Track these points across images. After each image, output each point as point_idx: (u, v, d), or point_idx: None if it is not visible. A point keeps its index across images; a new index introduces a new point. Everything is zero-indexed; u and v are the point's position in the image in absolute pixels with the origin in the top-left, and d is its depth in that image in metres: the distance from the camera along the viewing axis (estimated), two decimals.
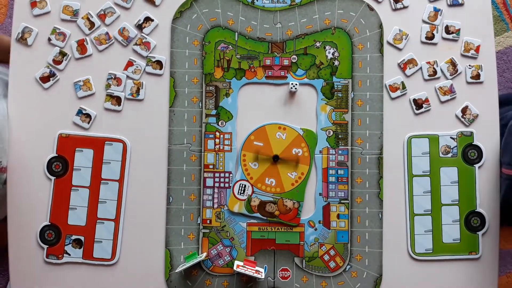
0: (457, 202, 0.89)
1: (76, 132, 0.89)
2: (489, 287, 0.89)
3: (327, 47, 0.91)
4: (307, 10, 0.91)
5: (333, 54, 0.90)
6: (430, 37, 0.91)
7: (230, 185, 0.89)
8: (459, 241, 0.89)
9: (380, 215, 0.89)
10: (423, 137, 0.90)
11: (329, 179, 0.90)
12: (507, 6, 1.61)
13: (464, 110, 0.90)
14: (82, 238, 0.87)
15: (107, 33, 0.89)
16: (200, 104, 0.90)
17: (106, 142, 0.88)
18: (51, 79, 0.89)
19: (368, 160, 0.90)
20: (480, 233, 0.89)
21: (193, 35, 0.90)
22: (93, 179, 0.88)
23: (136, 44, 0.90)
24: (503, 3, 1.61)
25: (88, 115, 0.89)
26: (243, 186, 0.89)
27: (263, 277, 0.86)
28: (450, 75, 0.91)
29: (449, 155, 0.90)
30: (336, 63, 0.90)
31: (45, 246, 0.87)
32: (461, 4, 0.91)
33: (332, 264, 0.89)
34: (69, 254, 0.87)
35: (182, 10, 0.90)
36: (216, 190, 0.89)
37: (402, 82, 0.91)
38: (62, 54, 0.89)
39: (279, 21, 0.91)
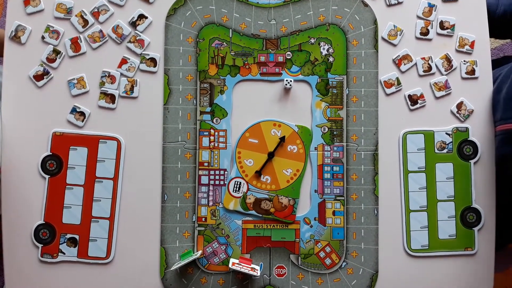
0: (453, 198, 0.89)
1: (70, 130, 0.88)
2: (485, 283, 0.89)
3: (322, 44, 0.90)
4: (301, 7, 0.90)
5: (327, 50, 0.90)
6: (424, 32, 0.91)
7: (225, 182, 0.89)
8: (455, 237, 0.89)
9: (375, 212, 0.89)
10: (418, 133, 0.90)
11: (325, 175, 0.89)
12: None
13: (459, 106, 0.90)
14: (77, 236, 0.87)
15: (100, 31, 0.89)
16: (195, 102, 0.89)
17: (100, 140, 0.88)
18: (45, 77, 0.88)
19: (364, 156, 0.89)
20: (476, 228, 0.89)
21: (187, 32, 0.90)
22: (88, 177, 0.88)
23: (130, 41, 0.89)
24: None
25: (82, 113, 0.88)
26: (238, 183, 0.89)
27: (258, 274, 0.85)
28: (445, 71, 0.91)
29: (445, 151, 0.90)
30: (331, 59, 0.90)
31: (40, 245, 0.87)
32: (456, 0, 0.91)
33: (328, 261, 0.88)
34: (64, 253, 0.87)
35: (176, 7, 0.90)
36: (211, 188, 0.89)
37: (397, 78, 0.90)
38: (56, 52, 0.89)
39: (274, 17, 0.90)
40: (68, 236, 0.87)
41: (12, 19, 0.88)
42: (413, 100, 0.90)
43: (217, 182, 0.89)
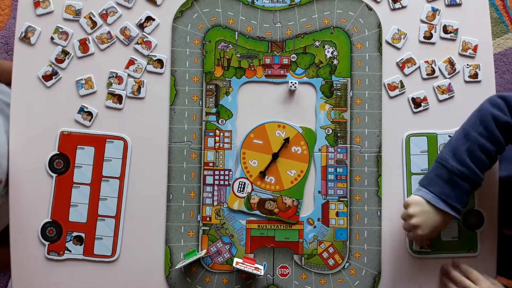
0: None
1: (78, 130, 0.90)
2: None
3: (326, 46, 0.91)
4: (306, 10, 0.92)
5: (332, 53, 0.91)
6: (428, 36, 0.92)
7: (230, 182, 0.90)
8: (457, 239, 0.89)
9: (379, 213, 0.90)
10: (421, 136, 0.91)
11: (328, 177, 0.90)
12: (507, 8, 1.62)
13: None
14: (83, 235, 0.88)
15: (109, 32, 0.91)
16: (201, 103, 0.91)
17: (107, 140, 0.89)
18: (53, 77, 0.90)
19: (367, 158, 0.90)
20: (478, 231, 0.89)
21: (193, 34, 0.91)
22: (94, 176, 0.89)
23: (137, 43, 0.91)
24: (503, 5, 1.62)
25: (89, 113, 0.90)
26: (243, 183, 0.90)
27: (262, 274, 0.86)
28: (448, 74, 0.92)
29: None
30: (335, 62, 0.91)
31: (46, 243, 0.88)
32: (459, 4, 0.92)
33: (331, 262, 0.89)
34: (70, 251, 0.88)
35: (183, 9, 0.91)
36: (216, 188, 0.90)
37: (401, 81, 0.91)
38: (65, 53, 0.90)
39: (279, 20, 0.92)
40: (75, 234, 0.88)
41: (22, 20, 0.90)
42: (417, 103, 0.91)
43: (221, 182, 0.90)
